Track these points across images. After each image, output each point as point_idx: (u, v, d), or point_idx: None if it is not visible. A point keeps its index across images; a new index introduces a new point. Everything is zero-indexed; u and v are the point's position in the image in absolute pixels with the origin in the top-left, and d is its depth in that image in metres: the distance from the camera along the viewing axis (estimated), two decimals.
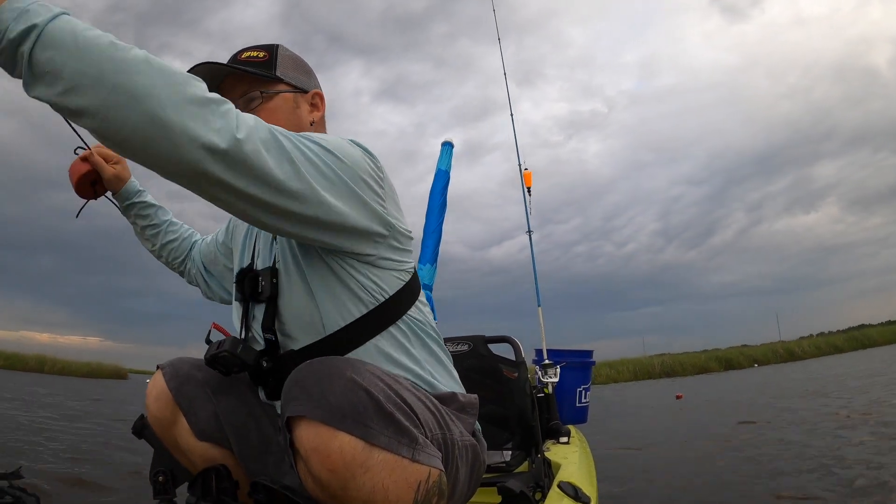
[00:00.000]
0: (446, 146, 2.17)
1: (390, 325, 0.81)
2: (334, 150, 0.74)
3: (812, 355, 18.64)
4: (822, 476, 2.25)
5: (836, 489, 2.03)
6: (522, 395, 1.48)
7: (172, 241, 1.13)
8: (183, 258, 1.14)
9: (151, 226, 1.11)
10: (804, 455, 2.77)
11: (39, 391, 10.30)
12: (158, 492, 1.00)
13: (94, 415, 6.98)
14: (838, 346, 19.54)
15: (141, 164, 0.62)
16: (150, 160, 0.60)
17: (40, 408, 6.92)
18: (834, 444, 3.01)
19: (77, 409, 7.98)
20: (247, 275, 0.89)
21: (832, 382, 8.05)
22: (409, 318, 0.84)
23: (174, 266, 1.15)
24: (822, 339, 22.62)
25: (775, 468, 2.55)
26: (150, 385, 0.90)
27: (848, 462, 2.46)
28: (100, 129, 0.58)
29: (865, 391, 5.83)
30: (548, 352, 2.43)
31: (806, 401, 5.73)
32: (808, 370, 12.40)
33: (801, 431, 3.63)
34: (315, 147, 0.72)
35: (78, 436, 4.59)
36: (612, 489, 2.36)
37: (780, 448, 3.09)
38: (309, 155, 0.70)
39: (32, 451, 3.46)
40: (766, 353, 19.49)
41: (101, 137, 0.59)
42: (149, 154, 0.59)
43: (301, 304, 0.81)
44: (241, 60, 0.90)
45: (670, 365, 18.66)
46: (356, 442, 0.59)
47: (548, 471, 1.25)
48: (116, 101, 0.55)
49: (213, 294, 1.13)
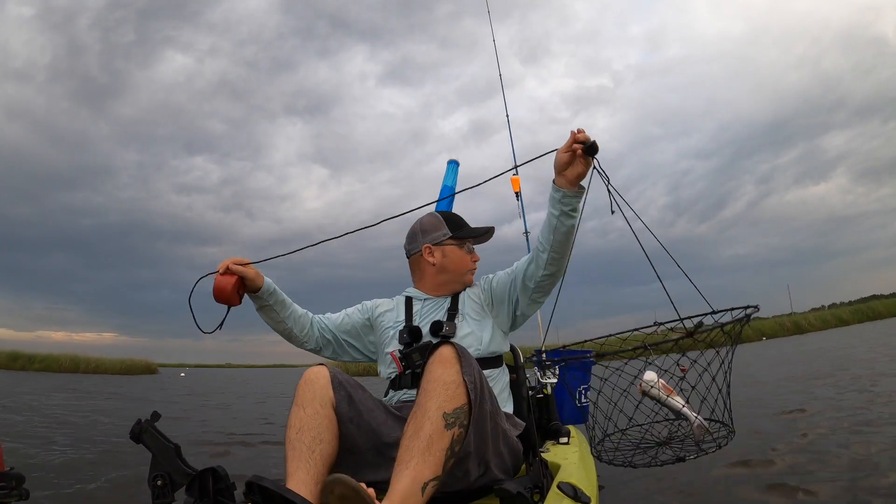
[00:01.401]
0: (452, 164, 2.22)
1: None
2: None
3: (819, 328, 18.80)
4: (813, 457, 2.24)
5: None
6: (519, 397, 1.49)
7: (298, 322, 1.48)
8: (306, 335, 1.50)
9: (286, 316, 1.45)
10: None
11: (130, 390, 10.69)
12: (157, 496, 1.01)
13: (229, 400, 8.54)
14: (844, 319, 19.69)
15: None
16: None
17: (196, 404, 7.79)
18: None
19: (211, 398, 9.12)
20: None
21: (827, 355, 8.22)
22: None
23: (295, 340, 1.50)
24: (829, 312, 22.66)
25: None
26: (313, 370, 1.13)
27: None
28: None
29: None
30: (547, 352, 2.43)
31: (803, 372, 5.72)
32: (811, 343, 12.54)
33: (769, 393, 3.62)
34: None
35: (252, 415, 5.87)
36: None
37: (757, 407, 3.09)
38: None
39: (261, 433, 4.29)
40: (773, 326, 19.60)
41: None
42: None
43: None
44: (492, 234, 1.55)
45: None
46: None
47: (546, 471, 1.25)
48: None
49: (337, 356, 1.56)
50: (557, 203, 1.22)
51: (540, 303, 1.40)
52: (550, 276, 1.32)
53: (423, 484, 0.89)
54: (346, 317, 1.55)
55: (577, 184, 1.21)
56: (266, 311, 1.43)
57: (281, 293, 1.44)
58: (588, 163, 1.17)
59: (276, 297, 1.42)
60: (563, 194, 1.21)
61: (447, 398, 0.96)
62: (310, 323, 1.51)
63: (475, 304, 1.45)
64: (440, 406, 0.95)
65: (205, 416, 6.25)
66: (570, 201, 1.21)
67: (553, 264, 1.30)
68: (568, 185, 1.20)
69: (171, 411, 6.25)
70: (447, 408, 0.95)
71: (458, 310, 1.43)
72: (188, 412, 6.50)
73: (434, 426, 0.94)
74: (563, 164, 1.19)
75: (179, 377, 21.64)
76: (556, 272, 1.32)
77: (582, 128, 1.16)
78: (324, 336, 1.52)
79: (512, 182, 2.81)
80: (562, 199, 1.21)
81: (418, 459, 0.91)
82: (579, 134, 1.16)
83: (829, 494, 1.80)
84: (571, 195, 1.20)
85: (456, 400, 0.97)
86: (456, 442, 0.95)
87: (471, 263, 1.49)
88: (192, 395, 10.23)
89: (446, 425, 0.94)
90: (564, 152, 1.18)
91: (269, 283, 1.40)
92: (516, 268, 1.41)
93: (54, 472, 2.74)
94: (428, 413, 0.95)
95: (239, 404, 8.35)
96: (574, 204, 1.22)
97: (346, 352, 1.55)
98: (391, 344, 1.42)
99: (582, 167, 1.18)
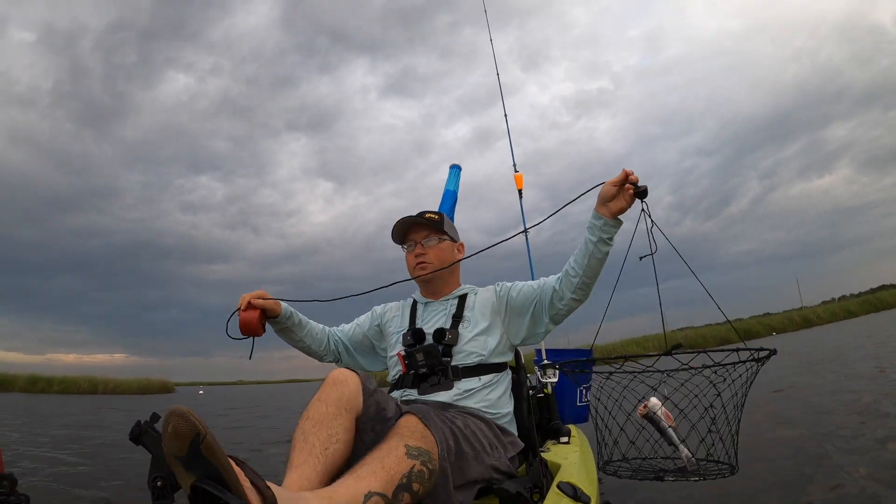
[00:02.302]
0: (454, 169, 2.23)
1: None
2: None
3: (827, 321, 18.91)
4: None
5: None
6: (520, 398, 1.48)
7: (315, 339, 1.57)
8: (323, 349, 1.60)
9: (304, 335, 1.54)
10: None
11: (160, 409, 10.86)
12: (157, 496, 1.00)
13: (253, 415, 8.68)
14: (852, 311, 19.84)
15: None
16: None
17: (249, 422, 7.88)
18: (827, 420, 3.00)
19: (251, 411, 9.49)
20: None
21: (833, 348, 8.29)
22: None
23: (314, 355, 1.60)
24: (838, 304, 22.74)
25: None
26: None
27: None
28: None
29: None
30: (547, 352, 2.43)
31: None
32: (820, 336, 12.60)
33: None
34: None
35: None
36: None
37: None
38: None
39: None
40: (782, 321, 19.81)
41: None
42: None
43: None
44: (426, 217, 1.50)
45: (692, 338, 18.73)
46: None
47: (546, 471, 1.25)
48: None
49: (355, 364, 1.62)
50: (597, 230, 1.28)
51: (557, 323, 1.42)
52: (578, 301, 1.37)
53: (368, 493, 0.83)
54: (356, 327, 1.63)
55: (617, 216, 1.27)
56: (285, 333, 1.53)
57: (297, 314, 1.53)
58: (630, 200, 1.24)
59: (293, 319, 1.51)
60: (605, 222, 1.27)
61: (411, 436, 0.95)
62: (326, 338, 1.61)
63: (485, 309, 1.44)
64: (402, 439, 0.94)
65: (255, 423, 6.85)
66: (609, 230, 1.27)
67: (582, 289, 1.34)
68: (609, 215, 1.26)
69: (224, 423, 7.00)
70: (410, 442, 0.94)
71: (462, 315, 1.43)
72: (238, 422, 7.10)
73: (392, 450, 0.91)
74: (607, 197, 1.25)
75: (198, 395, 21.53)
76: (583, 298, 1.37)
77: (632, 170, 1.23)
78: (338, 349, 1.62)
79: (515, 179, 2.80)
80: (602, 226, 1.27)
81: (367, 469, 0.87)
82: (632, 176, 1.22)
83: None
84: (611, 224, 1.27)
85: (421, 441, 0.95)
86: (416, 476, 0.90)
87: (413, 259, 1.49)
88: (234, 409, 10.64)
89: (407, 454, 0.91)
90: (612, 185, 1.24)
91: (286, 307, 1.49)
92: (544, 284, 1.41)
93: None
94: (388, 441, 0.93)
95: (280, 414, 8.73)
96: (612, 233, 1.28)
97: (360, 361, 1.62)
98: (396, 347, 1.45)
99: (625, 203, 1.25)
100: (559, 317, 1.41)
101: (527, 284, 1.46)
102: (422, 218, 1.50)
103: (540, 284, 1.43)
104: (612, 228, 1.27)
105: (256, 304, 1.39)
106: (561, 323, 1.42)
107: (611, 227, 1.27)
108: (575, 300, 1.36)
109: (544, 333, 1.46)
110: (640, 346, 19.02)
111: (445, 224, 1.52)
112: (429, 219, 1.50)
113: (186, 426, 0.67)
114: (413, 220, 1.50)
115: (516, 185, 2.78)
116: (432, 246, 1.49)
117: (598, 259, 1.29)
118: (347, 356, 1.62)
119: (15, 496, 1.18)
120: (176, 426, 0.67)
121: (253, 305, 1.38)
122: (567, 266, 1.36)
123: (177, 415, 0.67)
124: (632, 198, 1.24)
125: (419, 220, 1.50)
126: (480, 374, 1.34)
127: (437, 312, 1.47)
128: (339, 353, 1.62)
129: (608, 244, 1.29)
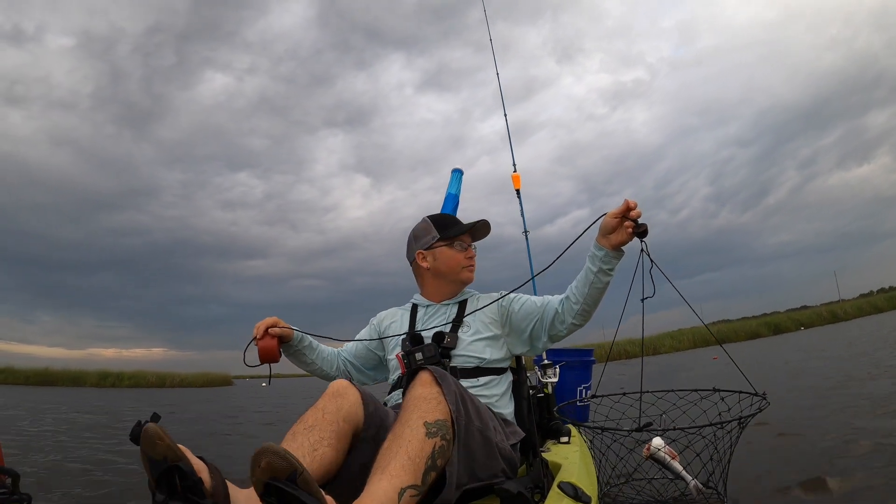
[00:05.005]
0: (456, 172, 2.24)
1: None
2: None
3: (854, 316, 19.23)
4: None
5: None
6: (520, 397, 1.49)
7: (326, 361, 1.60)
8: (335, 370, 1.62)
9: (315, 357, 1.57)
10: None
11: (248, 403, 11.24)
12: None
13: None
14: (878, 307, 20.14)
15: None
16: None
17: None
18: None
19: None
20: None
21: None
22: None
23: (326, 377, 1.59)
24: (864, 299, 23.13)
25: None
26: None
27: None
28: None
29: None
30: (547, 352, 2.43)
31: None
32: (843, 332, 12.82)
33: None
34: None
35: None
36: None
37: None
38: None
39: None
40: (811, 316, 20.27)
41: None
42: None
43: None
44: (488, 226, 1.52)
45: (724, 332, 18.92)
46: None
47: (546, 471, 1.26)
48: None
49: (366, 379, 1.66)
50: (598, 261, 1.26)
51: (555, 342, 1.43)
52: (577, 326, 1.37)
53: (401, 489, 0.84)
54: (358, 343, 1.65)
55: (618, 248, 1.25)
56: (297, 356, 1.56)
57: (308, 338, 1.56)
58: (629, 237, 1.22)
59: (303, 342, 1.54)
60: (605, 254, 1.25)
61: (428, 410, 0.96)
62: (336, 359, 1.64)
63: (486, 317, 1.44)
64: (421, 416, 0.94)
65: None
66: (609, 262, 1.26)
67: (582, 316, 1.34)
68: (610, 247, 1.24)
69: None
70: (428, 418, 0.94)
71: (462, 320, 1.43)
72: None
73: (414, 433, 0.92)
74: (608, 229, 1.23)
75: (261, 387, 21.24)
76: (583, 323, 1.37)
77: (636, 201, 1.19)
78: (348, 368, 1.65)
79: (513, 179, 2.80)
80: (603, 258, 1.25)
81: (396, 464, 0.87)
82: (633, 211, 1.19)
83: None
84: (612, 256, 1.25)
85: (437, 412, 0.96)
86: (438, 453, 0.92)
87: (464, 260, 1.49)
88: (308, 399, 10.71)
89: (427, 433, 0.92)
90: (613, 217, 1.21)
91: (298, 333, 1.53)
92: (547, 304, 1.41)
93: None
94: (409, 422, 0.93)
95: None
96: (613, 265, 1.27)
97: (371, 375, 1.66)
98: (396, 350, 1.46)
99: (625, 236, 1.22)
100: (558, 337, 1.41)
101: (530, 300, 1.45)
102: (487, 224, 1.53)
103: (543, 303, 1.42)
104: (614, 260, 1.26)
105: (273, 332, 1.42)
106: (559, 340, 1.43)
107: (612, 259, 1.26)
108: (575, 325, 1.36)
109: (542, 349, 1.46)
110: (675, 339, 19.30)
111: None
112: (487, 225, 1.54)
113: (282, 464, 0.69)
114: (487, 224, 1.53)
115: (514, 185, 2.79)
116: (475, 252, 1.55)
117: (598, 288, 1.29)
118: (357, 374, 1.65)
119: (17, 494, 1.18)
120: (271, 462, 0.69)
121: (270, 334, 1.42)
122: (569, 291, 1.35)
123: (271, 452, 0.69)
124: (630, 236, 1.21)
125: (487, 227, 1.53)
126: (479, 376, 1.35)
127: (437, 316, 1.47)
128: (349, 372, 1.64)
129: (609, 275, 1.27)
